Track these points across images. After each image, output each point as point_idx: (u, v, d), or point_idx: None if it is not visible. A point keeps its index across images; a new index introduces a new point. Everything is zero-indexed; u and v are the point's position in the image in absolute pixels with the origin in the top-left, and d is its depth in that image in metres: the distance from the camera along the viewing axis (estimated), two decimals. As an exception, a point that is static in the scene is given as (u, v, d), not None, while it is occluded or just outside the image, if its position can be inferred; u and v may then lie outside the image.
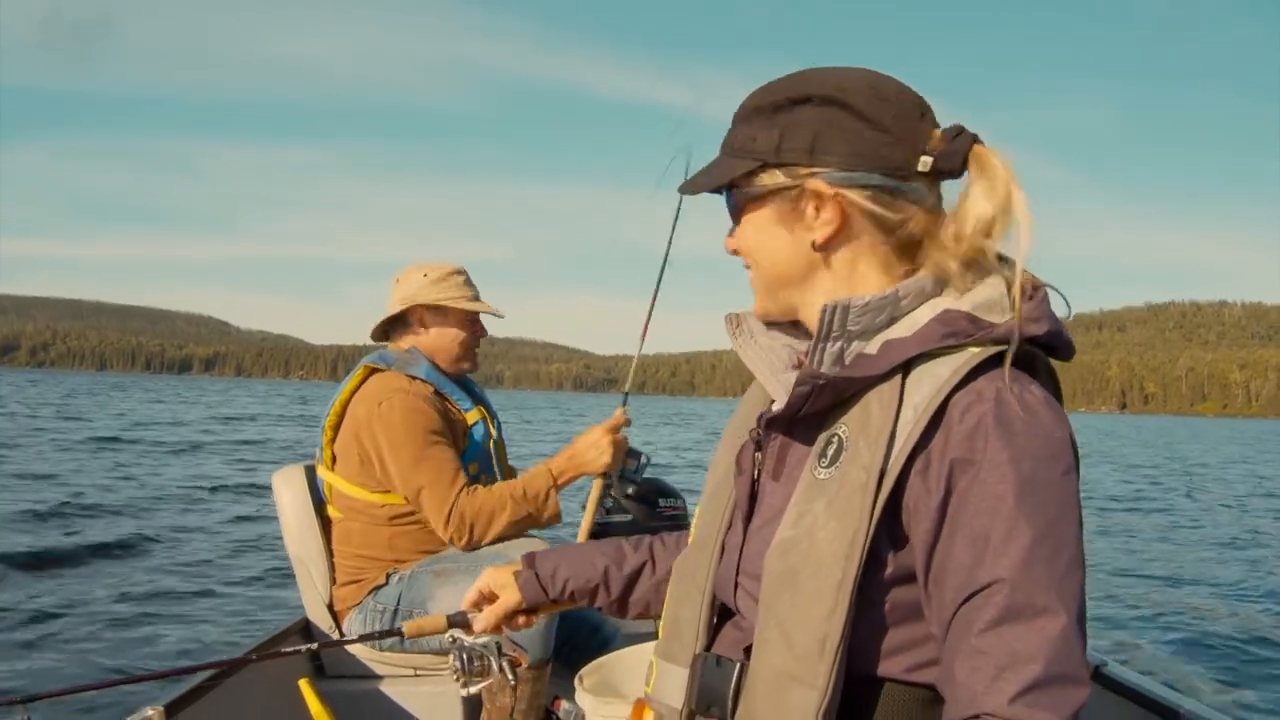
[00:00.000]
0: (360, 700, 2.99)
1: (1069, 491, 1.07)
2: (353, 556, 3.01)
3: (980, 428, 1.06)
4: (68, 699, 5.07)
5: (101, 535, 10.07)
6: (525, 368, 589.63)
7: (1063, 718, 0.99)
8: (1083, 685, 1.01)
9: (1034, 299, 1.15)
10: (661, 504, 4.00)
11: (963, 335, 1.11)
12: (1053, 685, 0.99)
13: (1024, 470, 1.04)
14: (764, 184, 1.20)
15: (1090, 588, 3.61)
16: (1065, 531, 1.05)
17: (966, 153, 1.18)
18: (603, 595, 1.64)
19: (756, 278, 1.27)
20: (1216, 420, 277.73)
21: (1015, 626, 1.01)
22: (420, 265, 3.14)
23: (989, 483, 1.04)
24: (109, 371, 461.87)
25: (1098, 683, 2.38)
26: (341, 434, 3.01)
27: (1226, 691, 6.26)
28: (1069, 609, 1.02)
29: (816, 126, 1.17)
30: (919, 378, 1.11)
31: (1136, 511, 17.54)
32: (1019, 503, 1.03)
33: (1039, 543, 1.02)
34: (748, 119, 1.22)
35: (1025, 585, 1.02)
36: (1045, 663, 0.99)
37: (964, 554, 1.05)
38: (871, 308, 1.17)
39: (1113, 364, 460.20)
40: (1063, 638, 1.00)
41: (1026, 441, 1.06)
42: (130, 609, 7.05)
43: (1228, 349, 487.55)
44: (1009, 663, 1.00)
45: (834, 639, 1.07)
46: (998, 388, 1.08)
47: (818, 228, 1.18)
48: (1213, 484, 25.52)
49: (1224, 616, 8.47)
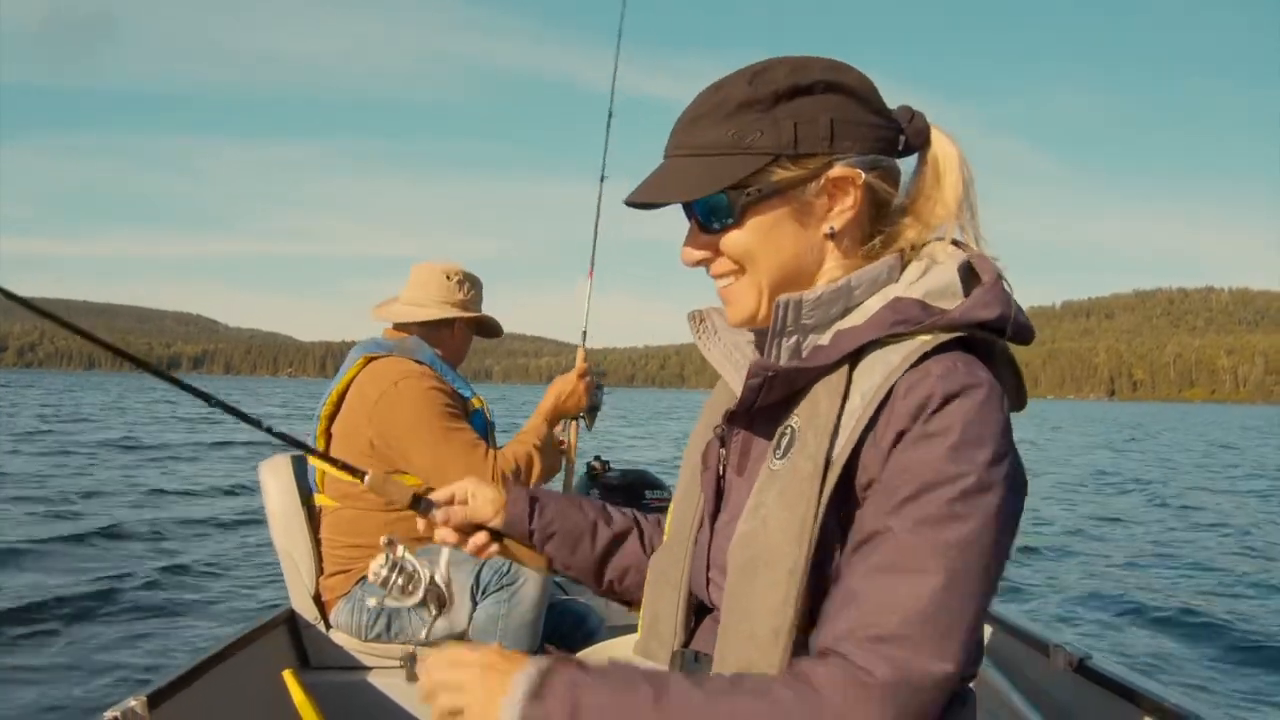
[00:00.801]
0: (345, 691, 2.98)
1: (995, 473, 1.05)
2: (343, 546, 3.00)
3: (923, 403, 1.06)
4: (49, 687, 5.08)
5: (84, 527, 10.05)
6: (514, 362, 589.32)
7: (897, 676, 0.98)
8: (941, 659, 1.00)
9: (987, 283, 1.15)
10: (648, 495, 4.02)
11: (913, 322, 1.11)
12: (903, 643, 0.99)
13: (950, 443, 1.04)
14: (780, 178, 1.16)
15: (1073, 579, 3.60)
16: (974, 509, 1.04)
17: (928, 131, 1.23)
18: (585, 547, 1.58)
19: (749, 283, 1.21)
20: (1204, 406, 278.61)
21: (888, 577, 1.02)
22: (443, 265, 3.23)
23: (919, 449, 1.05)
24: (97, 371, 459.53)
25: (1082, 675, 2.39)
26: (342, 420, 3.00)
27: (1211, 683, 6.29)
28: (953, 579, 1.01)
29: (830, 113, 1.16)
30: (870, 365, 1.12)
31: (1124, 500, 17.58)
32: (939, 470, 1.04)
33: (941, 509, 1.03)
34: (731, 116, 1.16)
35: (911, 542, 1.02)
36: (904, 620, 1.00)
37: (876, 504, 1.06)
38: (824, 300, 1.17)
39: (1101, 351, 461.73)
40: (934, 601, 1.00)
41: (960, 420, 1.05)
42: (113, 600, 7.02)
43: (1215, 335, 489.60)
44: (871, 610, 1.01)
45: (785, 627, 1.08)
46: (945, 366, 1.08)
47: (834, 216, 1.18)
48: (1199, 471, 25.62)
49: (1210, 608, 8.50)
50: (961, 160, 1.23)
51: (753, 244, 1.18)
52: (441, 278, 3.20)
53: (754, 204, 1.17)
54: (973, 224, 1.24)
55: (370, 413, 2.92)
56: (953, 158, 1.22)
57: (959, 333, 1.11)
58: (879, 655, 0.99)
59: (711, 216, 1.19)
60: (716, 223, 1.19)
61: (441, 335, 3.19)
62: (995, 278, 1.16)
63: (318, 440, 3.05)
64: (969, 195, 1.23)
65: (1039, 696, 2.49)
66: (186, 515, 11.25)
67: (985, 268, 1.18)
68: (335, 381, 3.07)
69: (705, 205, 1.18)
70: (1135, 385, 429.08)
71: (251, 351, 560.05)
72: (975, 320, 1.12)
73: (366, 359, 3.04)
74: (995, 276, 1.16)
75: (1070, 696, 2.43)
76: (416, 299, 3.20)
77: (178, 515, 11.20)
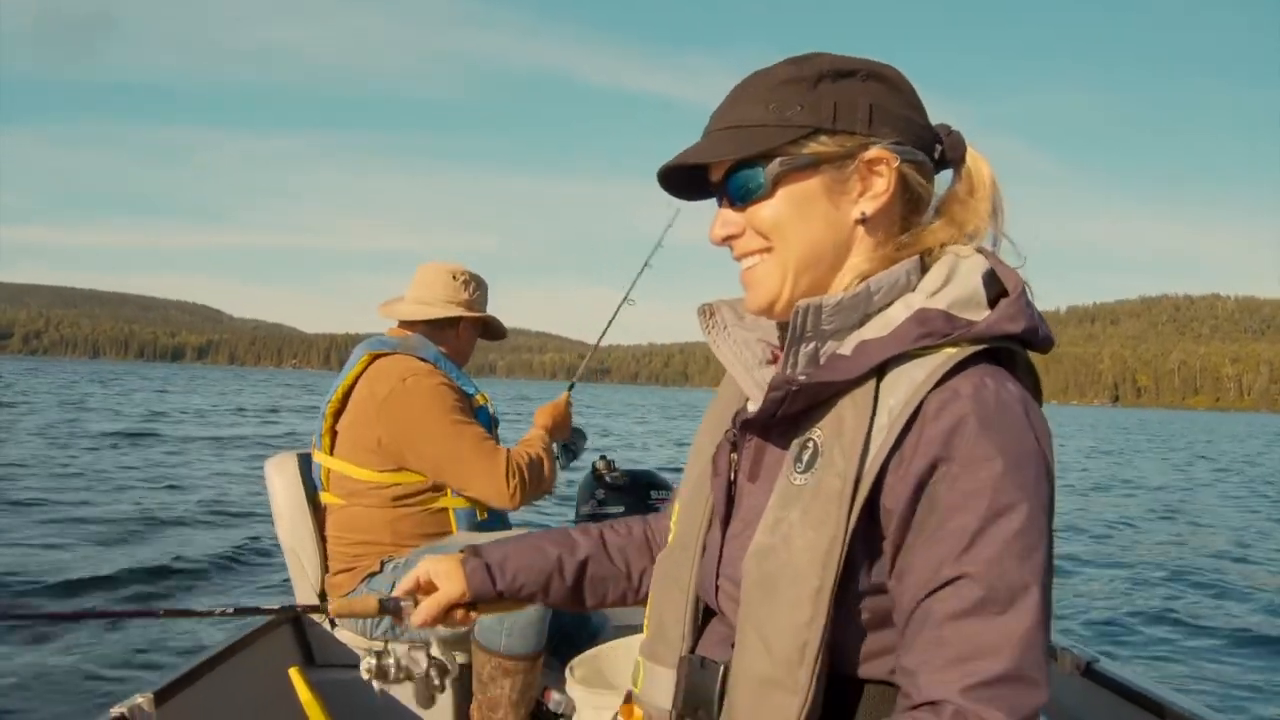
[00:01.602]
0: (350, 689, 2.98)
1: (1043, 493, 1.06)
2: (349, 543, 3.01)
3: (957, 426, 1.05)
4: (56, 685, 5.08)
5: (92, 519, 10.07)
6: (519, 358, 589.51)
7: (1014, 715, 0.99)
8: (1040, 688, 1.01)
9: (1012, 294, 1.14)
10: (653, 496, 4.01)
11: (939, 335, 1.10)
12: (1011, 683, 0.99)
13: (1000, 468, 1.03)
14: (816, 151, 1.15)
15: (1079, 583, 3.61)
16: (1037, 532, 1.04)
17: (964, 146, 1.23)
18: (557, 584, 1.54)
19: (776, 261, 1.19)
20: (1208, 414, 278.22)
21: (978, 621, 1.01)
22: (449, 265, 3.26)
23: (963, 480, 1.04)
24: (102, 359, 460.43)
25: (1089, 678, 2.39)
26: (348, 416, 3.01)
27: (1216, 688, 6.28)
28: (1034, 611, 1.02)
29: (870, 98, 1.16)
30: (894, 380, 1.10)
31: (1129, 503, 17.56)
32: (993, 500, 1.02)
33: (1012, 541, 1.02)
34: (774, 91, 1.16)
35: (993, 582, 1.01)
36: (1006, 660, 0.99)
37: (933, 548, 1.05)
38: (844, 306, 1.15)
39: (1105, 357, 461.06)
40: (1026, 638, 1.00)
41: (1003, 440, 1.05)
42: (119, 598, 7.03)
43: (1220, 342, 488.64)
44: (970, 654, 1.00)
45: (813, 646, 1.07)
46: (974, 384, 1.07)
47: (866, 199, 1.16)
48: (1207, 476, 25.59)
49: (1215, 613, 8.49)
50: (995, 183, 1.23)
51: (784, 216, 1.17)
52: (448, 277, 3.22)
53: (788, 174, 1.15)
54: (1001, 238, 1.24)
55: (379, 410, 2.92)
56: (987, 178, 1.23)
57: (985, 345, 1.10)
58: (992, 701, 0.99)
59: (743, 188, 1.18)
60: (748, 195, 1.18)
61: (446, 334, 3.21)
62: (1020, 289, 1.15)
63: (323, 438, 3.06)
64: (999, 215, 1.23)
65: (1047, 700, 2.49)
66: (193, 511, 11.27)
67: (1009, 277, 1.16)
68: (340, 379, 3.07)
69: (738, 178, 1.17)
70: (1139, 392, 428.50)
71: (256, 343, 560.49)
72: (1001, 333, 1.10)
73: (372, 356, 3.04)
74: (1020, 287, 1.15)
75: (1078, 700, 2.43)
76: (422, 298, 3.21)
77: (184, 511, 11.22)
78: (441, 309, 3.17)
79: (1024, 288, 1.15)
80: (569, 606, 1.59)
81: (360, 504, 2.99)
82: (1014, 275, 1.17)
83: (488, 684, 2.81)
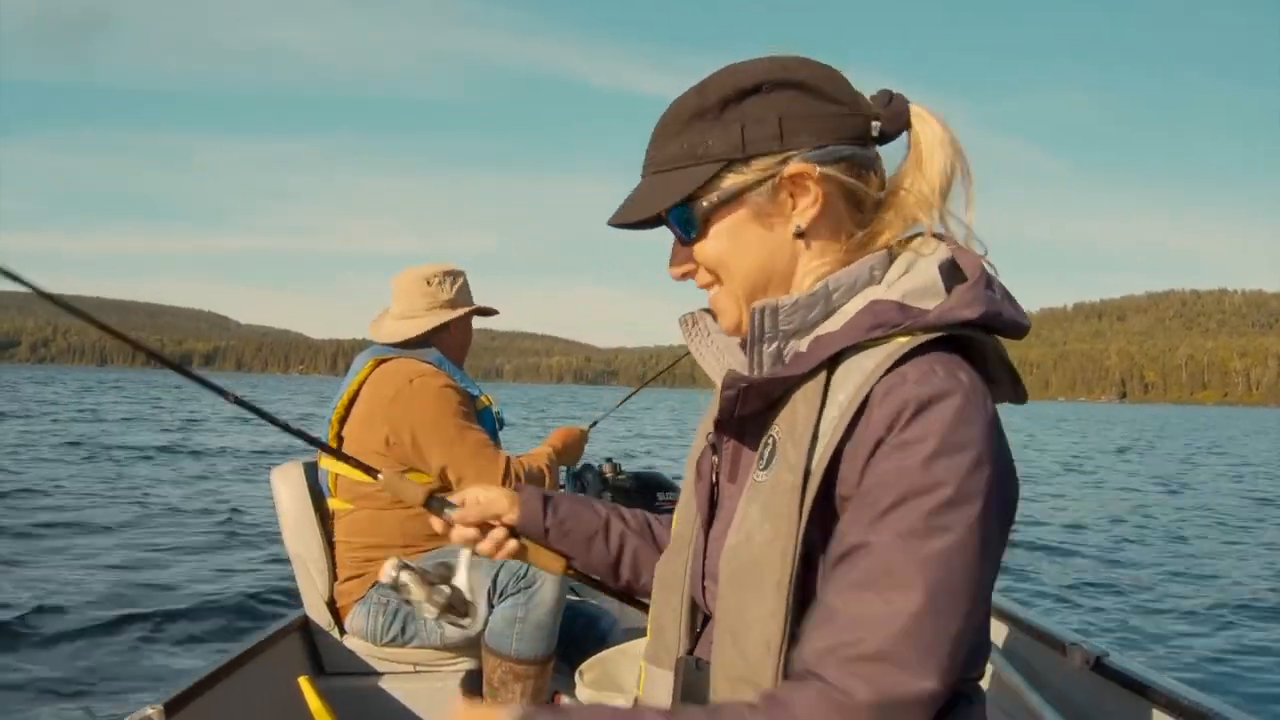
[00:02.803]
0: (361, 697, 2.99)
1: (977, 481, 1.03)
2: (358, 548, 3.01)
3: (899, 410, 1.04)
4: (66, 696, 5.09)
5: (99, 525, 10.09)
6: (525, 361, 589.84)
7: (878, 697, 0.97)
8: (918, 677, 0.98)
9: (969, 281, 1.13)
10: (660, 498, 4.01)
11: (890, 325, 1.09)
12: (879, 662, 0.98)
13: (928, 450, 1.02)
14: (734, 184, 1.15)
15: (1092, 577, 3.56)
16: (957, 519, 1.01)
17: (907, 113, 1.19)
18: (599, 547, 1.58)
19: (727, 291, 1.20)
20: (1216, 409, 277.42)
21: (868, 594, 1.00)
22: (422, 269, 3.22)
23: (893, 458, 1.03)
24: (110, 367, 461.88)
25: (1099, 673, 2.38)
26: (355, 418, 3.02)
27: (1229, 682, 6.26)
28: (934, 595, 0.99)
29: (779, 111, 1.14)
30: (846, 372, 1.10)
31: (1139, 498, 17.53)
32: (915, 480, 1.01)
33: (922, 521, 1.01)
34: (685, 128, 1.16)
35: (890, 556, 1.01)
36: (883, 639, 0.98)
37: (850, 519, 1.05)
38: (801, 305, 1.16)
39: (1112, 353, 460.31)
40: (913, 620, 0.99)
41: (938, 425, 1.03)
42: (127, 608, 7.04)
43: (1228, 337, 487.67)
44: (850, 628, 1.00)
45: (776, 640, 1.07)
46: (922, 371, 1.06)
47: (799, 214, 1.16)
48: (1214, 470, 25.54)
49: (1227, 605, 8.47)
50: (948, 141, 1.18)
51: (722, 251, 1.18)
52: (423, 284, 3.18)
53: (714, 211, 1.16)
54: (964, 214, 1.20)
55: (386, 411, 2.93)
56: (936, 139, 1.18)
57: (938, 333, 1.09)
58: (858, 676, 0.97)
59: (684, 229, 1.19)
60: (689, 235, 1.19)
61: (440, 337, 3.20)
62: (979, 274, 1.13)
63: (330, 442, 3.06)
64: (956, 180, 1.19)
65: (1056, 695, 2.49)
66: (199, 520, 11.28)
67: (968, 263, 1.15)
68: (345, 384, 3.09)
69: (679, 218, 1.18)
70: (1147, 388, 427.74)
71: (263, 349, 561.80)
72: (956, 320, 1.09)
73: (377, 361, 3.07)
74: (979, 272, 1.13)
75: (1088, 695, 2.42)
76: (405, 312, 3.19)
77: (190, 520, 11.23)
78: (427, 319, 3.15)
79: (983, 273, 1.14)
80: (603, 573, 1.60)
81: (369, 507, 3.00)
82: (974, 261, 1.15)
83: (498, 688, 2.81)
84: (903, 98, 1.19)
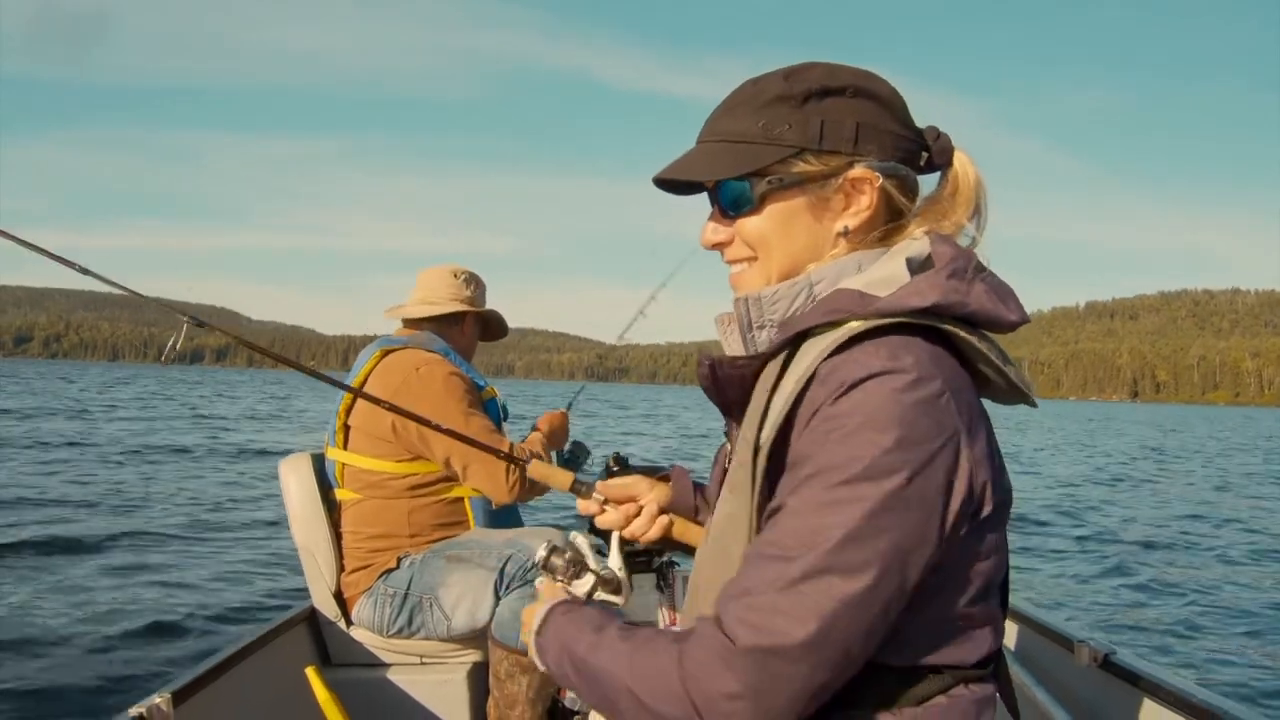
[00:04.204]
0: (367, 688, 3.00)
1: (896, 458, 1.03)
2: (365, 539, 3.03)
3: (833, 389, 1.07)
4: (75, 685, 5.11)
5: (106, 523, 10.12)
6: (536, 358, 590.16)
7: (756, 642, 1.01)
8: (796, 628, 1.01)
9: (932, 270, 1.16)
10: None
11: (843, 311, 1.13)
12: (765, 613, 1.02)
13: (851, 426, 1.04)
14: (802, 171, 1.19)
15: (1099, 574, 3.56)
16: (858, 496, 1.02)
17: (951, 151, 1.27)
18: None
19: (760, 270, 1.25)
20: (1228, 409, 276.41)
21: (770, 550, 1.05)
22: (448, 266, 3.38)
23: (819, 431, 1.06)
24: (122, 362, 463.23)
25: (1107, 670, 2.37)
26: (362, 407, 3.05)
27: (1237, 679, 6.25)
28: (831, 562, 1.01)
29: (857, 116, 1.19)
30: (804, 352, 1.14)
31: (1145, 495, 17.47)
32: (834, 452, 1.04)
33: (821, 494, 1.04)
34: (765, 107, 1.20)
35: (795, 521, 1.05)
36: (771, 593, 1.02)
37: (784, 483, 1.10)
38: (783, 295, 1.22)
39: (1124, 352, 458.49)
40: (805, 580, 1.02)
41: (868, 402, 1.04)
42: (136, 598, 7.07)
43: (1240, 337, 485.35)
44: (748, 579, 1.06)
45: None
46: (867, 352, 1.08)
47: (849, 215, 1.21)
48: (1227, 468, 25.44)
49: (1236, 603, 8.45)
50: (980, 184, 1.27)
51: (768, 231, 1.23)
52: (449, 276, 3.35)
53: (774, 192, 1.21)
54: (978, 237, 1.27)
55: (393, 397, 2.93)
56: (971, 180, 1.27)
57: (891, 319, 1.11)
58: (745, 623, 1.03)
59: (733, 201, 1.23)
60: (737, 208, 1.23)
61: (452, 331, 3.30)
62: (946, 263, 1.16)
63: (336, 434, 3.09)
64: (980, 215, 1.27)
65: (1064, 692, 2.49)
66: (208, 512, 11.32)
67: (942, 253, 1.18)
68: (353, 374, 3.12)
69: (729, 190, 1.23)
70: (1159, 387, 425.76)
71: (274, 344, 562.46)
72: (905, 308, 1.11)
73: (384, 351, 3.12)
74: (946, 262, 1.16)
75: (1095, 692, 2.42)
76: (427, 298, 3.31)
77: (199, 513, 11.27)
78: (447, 305, 3.28)
79: (951, 262, 1.16)
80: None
81: (376, 496, 3.02)
82: (947, 251, 1.18)
83: (505, 681, 2.82)
84: (948, 137, 1.27)
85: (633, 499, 1.66)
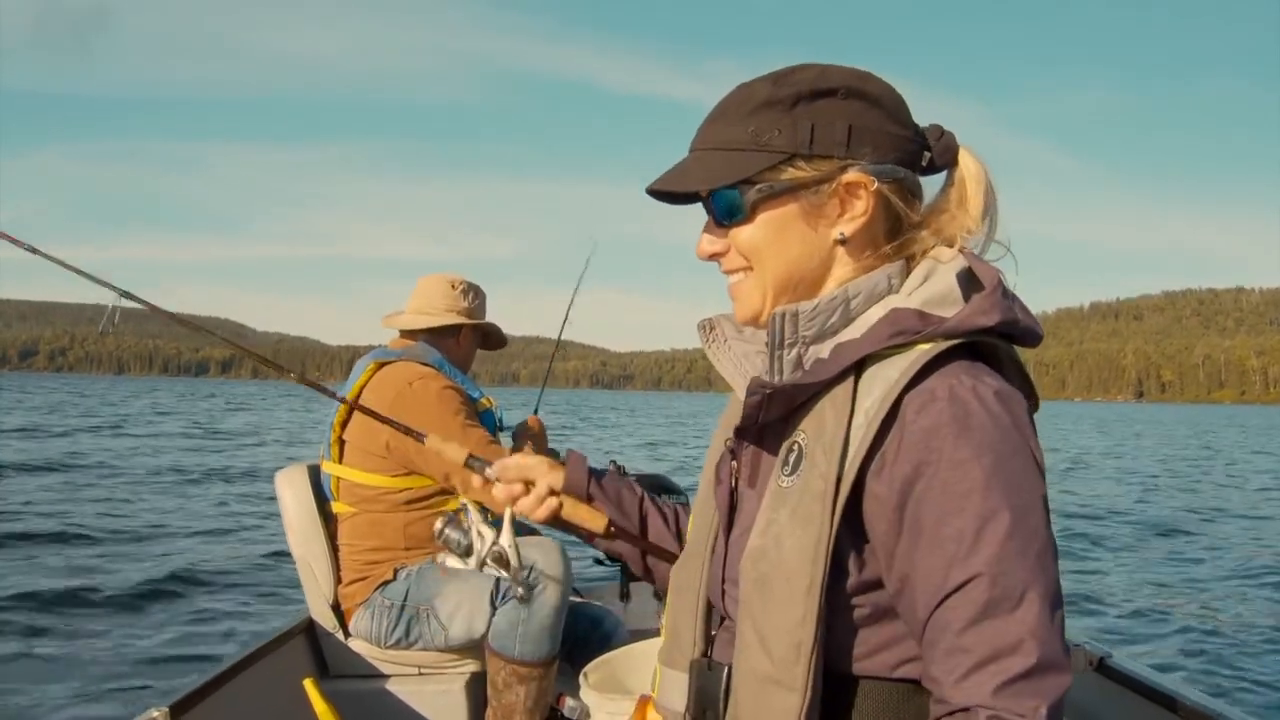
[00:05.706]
0: (365, 699, 3.00)
1: (1033, 482, 1.07)
2: (361, 551, 3.03)
3: (936, 428, 1.06)
4: (72, 698, 5.12)
5: (105, 532, 10.13)
6: (541, 366, 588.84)
7: (1050, 703, 1.01)
8: (1064, 671, 1.03)
9: (987, 289, 1.15)
10: (664, 500, 4.01)
11: (910, 333, 1.11)
12: (1036, 675, 1.01)
13: (986, 466, 1.05)
14: (793, 177, 1.17)
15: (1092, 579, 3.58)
16: (1034, 522, 1.05)
17: (955, 150, 1.24)
18: (634, 523, 1.62)
19: (755, 281, 1.22)
20: (1234, 408, 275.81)
21: (995, 621, 1.02)
22: (448, 276, 3.35)
23: (951, 482, 1.05)
24: (127, 375, 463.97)
25: (1102, 674, 2.38)
26: (356, 424, 3.04)
27: (1230, 682, 6.23)
28: (1046, 599, 1.03)
29: (849, 119, 1.16)
30: (870, 380, 1.12)
31: (1142, 501, 17.43)
32: (985, 499, 1.04)
33: (1011, 536, 1.03)
34: (754, 113, 1.17)
35: (1001, 580, 1.03)
36: (1028, 653, 1.01)
37: (934, 556, 1.06)
38: (821, 311, 1.18)
39: (1129, 352, 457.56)
40: (1042, 627, 1.02)
41: (984, 437, 1.06)
42: (133, 611, 7.08)
43: (1245, 336, 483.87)
44: (993, 656, 1.02)
45: (808, 643, 1.09)
46: (950, 385, 1.08)
47: (845, 221, 1.19)
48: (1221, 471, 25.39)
49: (1229, 607, 8.44)
50: (988, 183, 1.24)
51: (761, 241, 1.20)
52: (447, 286, 3.31)
53: (765, 200, 1.18)
54: (989, 238, 1.25)
55: (388, 412, 2.93)
56: (979, 179, 1.23)
57: (958, 340, 1.11)
58: (1027, 694, 1.01)
59: (726, 211, 1.20)
60: (730, 218, 1.20)
61: (448, 342, 3.27)
62: (995, 283, 1.15)
63: (332, 448, 3.09)
64: (991, 216, 1.24)
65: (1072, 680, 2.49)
66: (206, 524, 11.32)
67: (985, 273, 1.17)
68: (346, 389, 3.10)
69: (721, 200, 1.20)
70: (1164, 387, 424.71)
71: (279, 355, 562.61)
72: (975, 327, 1.11)
73: (378, 364, 3.10)
74: (995, 282, 1.15)
75: (1090, 695, 2.42)
76: (423, 308, 3.29)
77: (197, 524, 11.27)
78: (442, 317, 3.25)
79: (999, 282, 1.16)
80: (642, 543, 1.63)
81: (372, 510, 3.02)
82: (990, 271, 1.17)
83: (502, 690, 2.82)
84: (953, 135, 1.24)
85: (529, 480, 1.62)
